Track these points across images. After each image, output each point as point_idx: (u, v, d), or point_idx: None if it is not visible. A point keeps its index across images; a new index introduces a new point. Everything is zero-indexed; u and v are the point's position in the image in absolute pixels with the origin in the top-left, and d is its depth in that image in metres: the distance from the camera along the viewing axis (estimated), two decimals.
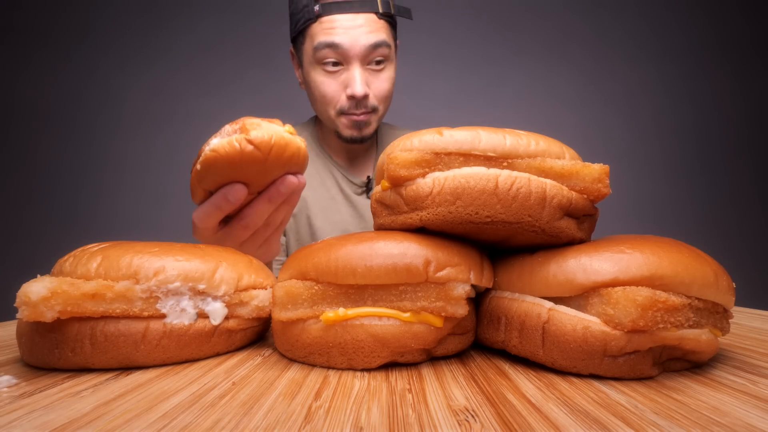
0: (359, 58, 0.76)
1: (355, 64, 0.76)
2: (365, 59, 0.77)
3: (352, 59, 0.76)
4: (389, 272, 0.29)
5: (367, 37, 0.75)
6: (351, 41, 0.74)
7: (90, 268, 0.30)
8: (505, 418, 0.21)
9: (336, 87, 0.78)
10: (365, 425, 0.21)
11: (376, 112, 0.81)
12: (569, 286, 0.28)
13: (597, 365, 0.27)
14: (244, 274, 0.34)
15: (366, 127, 0.81)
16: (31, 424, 0.21)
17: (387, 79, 0.80)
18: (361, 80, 0.76)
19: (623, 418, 0.21)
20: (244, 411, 0.22)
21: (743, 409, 0.22)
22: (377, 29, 0.76)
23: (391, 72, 0.82)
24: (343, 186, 0.89)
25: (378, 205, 0.34)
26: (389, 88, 0.81)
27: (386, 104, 0.83)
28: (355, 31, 0.74)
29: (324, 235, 0.86)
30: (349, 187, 0.89)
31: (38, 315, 0.27)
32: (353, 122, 0.80)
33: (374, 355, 0.30)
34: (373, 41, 0.75)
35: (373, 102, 0.79)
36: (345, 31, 0.74)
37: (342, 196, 0.88)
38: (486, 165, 0.30)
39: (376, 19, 0.76)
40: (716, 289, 0.28)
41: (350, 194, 0.89)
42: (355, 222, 0.87)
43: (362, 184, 0.89)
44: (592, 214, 0.33)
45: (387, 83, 0.80)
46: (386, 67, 0.80)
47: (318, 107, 0.82)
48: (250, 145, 0.35)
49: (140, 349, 0.30)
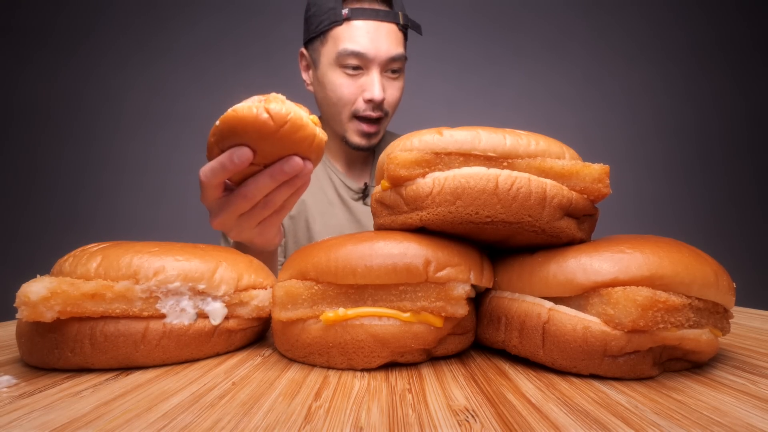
0: (380, 65, 0.80)
1: (375, 70, 0.80)
2: (384, 67, 0.81)
3: (372, 66, 0.80)
4: (389, 272, 0.29)
5: (388, 48, 0.80)
6: (375, 50, 0.79)
7: (90, 268, 0.30)
8: (505, 418, 0.21)
9: (354, 90, 0.81)
10: (365, 425, 0.21)
11: (386, 118, 0.85)
12: (569, 286, 0.28)
13: (597, 365, 0.27)
14: (243, 274, 0.34)
15: (375, 137, 0.85)
16: (31, 424, 0.21)
17: (399, 88, 0.85)
18: (380, 85, 0.80)
19: (623, 418, 0.21)
20: (244, 411, 0.22)
21: (743, 409, 0.22)
22: (397, 42, 0.81)
23: (402, 82, 0.86)
24: (341, 191, 0.91)
25: (378, 205, 0.34)
26: (400, 97, 0.86)
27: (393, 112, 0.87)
28: (379, 41, 0.79)
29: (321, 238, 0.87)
30: (347, 192, 0.91)
31: (38, 315, 0.27)
32: (364, 133, 0.83)
33: (374, 355, 0.29)
34: (393, 53, 0.80)
35: (386, 108, 0.83)
36: (371, 40, 0.79)
37: (339, 201, 0.90)
38: (486, 165, 0.30)
39: (396, 30, 0.81)
40: (716, 289, 0.28)
41: (347, 199, 0.90)
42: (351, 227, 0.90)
43: (359, 190, 0.91)
44: (592, 214, 0.33)
45: (399, 92, 0.85)
46: (399, 77, 0.85)
47: (331, 109, 0.85)
48: (266, 114, 0.36)
49: (140, 349, 0.30)
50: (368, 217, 0.90)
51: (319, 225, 0.88)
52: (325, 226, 0.88)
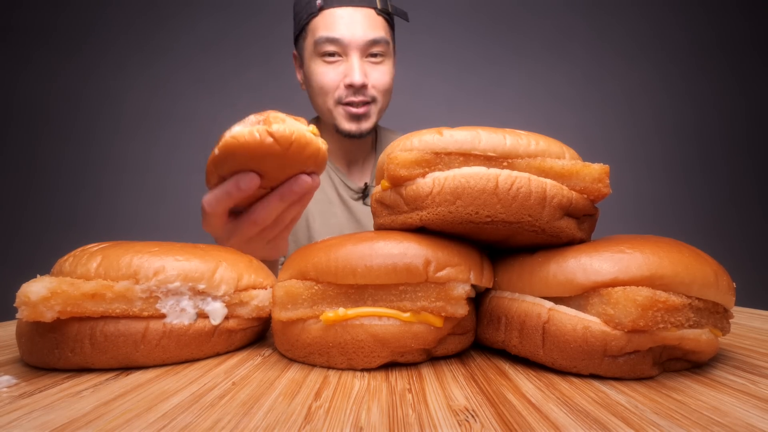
0: (358, 50, 0.78)
1: (354, 54, 0.78)
2: (364, 52, 0.79)
3: (351, 51, 0.78)
4: (389, 272, 0.29)
5: (365, 32, 0.78)
6: (351, 35, 0.77)
7: (90, 268, 0.30)
8: (505, 418, 0.21)
9: (334, 76, 0.80)
10: (365, 425, 0.21)
11: (375, 103, 0.83)
12: (569, 286, 0.28)
13: (597, 365, 0.27)
14: (243, 273, 0.34)
15: (365, 120, 0.82)
16: (31, 424, 0.21)
17: (386, 72, 0.82)
18: (359, 69, 0.78)
19: (623, 418, 0.21)
20: (244, 411, 0.22)
21: (743, 409, 0.22)
22: (376, 26, 0.79)
23: (390, 66, 0.83)
24: (341, 191, 0.90)
25: (378, 205, 0.34)
26: (388, 81, 0.83)
27: (386, 98, 0.85)
28: (355, 26, 0.78)
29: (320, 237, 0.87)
30: (347, 192, 0.90)
31: (38, 315, 0.27)
32: (352, 114, 0.81)
33: (374, 355, 0.30)
34: (371, 37, 0.78)
35: (372, 92, 0.81)
36: (345, 25, 0.77)
37: (339, 201, 0.90)
38: (486, 165, 0.30)
39: (374, 15, 0.79)
40: (716, 289, 0.28)
41: (347, 199, 0.90)
42: (351, 226, 0.89)
43: (359, 190, 0.90)
44: (592, 214, 0.33)
45: (386, 76, 0.82)
46: (384, 62, 0.82)
47: (317, 100, 0.84)
48: (271, 138, 0.34)
49: (140, 349, 0.30)
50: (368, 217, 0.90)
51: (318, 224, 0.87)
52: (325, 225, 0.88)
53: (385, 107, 0.86)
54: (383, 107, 0.85)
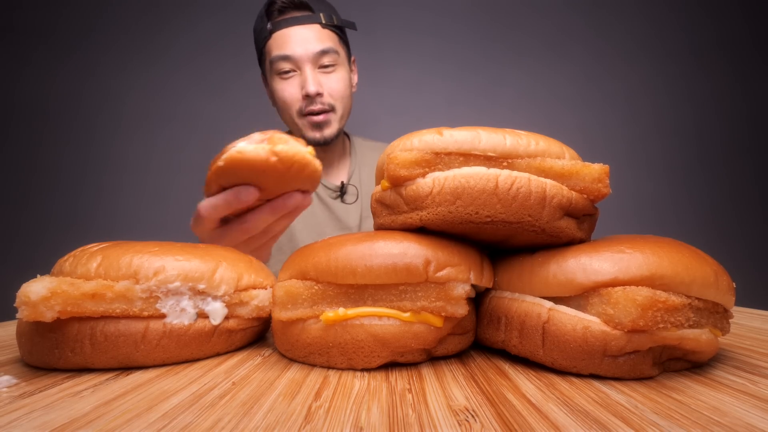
0: (310, 62, 0.85)
1: (306, 67, 0.85)
2: (315, 63, 0.86)
3: (303, 65, 0.85)
4: (389, 272, 0.29)
5: (314, 45, 0.85)
6: (303, 50, 0.84)
7: (90, 268, 0.30)
8: (505, 418, 0.21)
9: (293, 90, 0.87)
10: (365, 425, 0.21)
11: (334, 111, 0.88)
12: (569, 286, 0.28)
13: (597, 365, 0.27)
14: (244, 273, 0.34)
15: (327, 127, 0.88)
16: (31, 424, 0.21)
17: (339, 79, 0.88)
18: (312, 80, 0.85)
19: (623, 418, 0.21)
20: (244, 411, 0.22)
21: (743, 409, 0.22)
22: (323, 38, 0.86)
23: (344, 74, 0.89)
24: (319, 190, 0.95)
25: (378, 205, 0.34)
26: (343, 88, 0.89)
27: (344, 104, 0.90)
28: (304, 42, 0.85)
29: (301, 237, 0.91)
30: (325, 191, 0.95)
31: (38, 315, 0.27)
32: (313, 123, 0.87)
33: (374, 355, 0.30)
34: (319, 48, 0.85)
35: (328, 100, 0.87)
36: (295, 42, 0.85)
37: (317, 200, 0.95)
38: (486, 165, 0.30)
39: (320, 29, 0.86)
40: (716, 289, 0.28)
41: (325, 198, 0.95)
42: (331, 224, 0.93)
43: (336, 188, 0.95)
44: (592, 214, 0.33)
45: (340, 83, 0.88)
46: (337, 70, 0.88)
47: (284, 115, 0.90)
48: (275, 157, 0.37)
49: (140, 349, 0.30)
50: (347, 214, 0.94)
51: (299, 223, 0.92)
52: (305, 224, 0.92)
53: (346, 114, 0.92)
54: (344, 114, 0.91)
